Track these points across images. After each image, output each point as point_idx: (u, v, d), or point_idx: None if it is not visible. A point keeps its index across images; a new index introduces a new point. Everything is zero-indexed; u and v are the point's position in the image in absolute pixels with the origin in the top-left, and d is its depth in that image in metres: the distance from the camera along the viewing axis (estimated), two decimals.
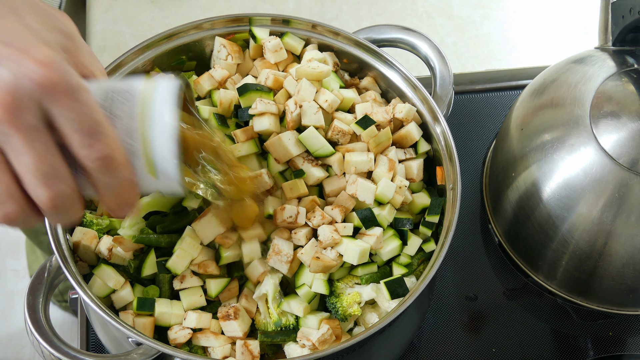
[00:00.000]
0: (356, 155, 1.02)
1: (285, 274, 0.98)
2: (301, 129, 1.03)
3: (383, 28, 1.16)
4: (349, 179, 1.02)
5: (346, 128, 1.03)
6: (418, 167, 1.07)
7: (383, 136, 1.04)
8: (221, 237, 0.97)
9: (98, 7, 1.47)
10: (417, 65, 1.25)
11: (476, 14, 1.49)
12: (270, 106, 1.02)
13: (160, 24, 1.45)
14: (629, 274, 1.07)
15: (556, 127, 1.07)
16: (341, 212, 0.99)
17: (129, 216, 1.01)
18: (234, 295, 1.00)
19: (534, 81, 1.18)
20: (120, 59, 1.08)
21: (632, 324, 1.21)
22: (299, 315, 0.99)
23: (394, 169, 1.03)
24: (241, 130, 1.03)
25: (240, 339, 0.97)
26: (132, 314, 0.97)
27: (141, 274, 0.99)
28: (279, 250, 0.97)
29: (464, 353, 1.18)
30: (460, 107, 1.36)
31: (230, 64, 1.13)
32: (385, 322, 0.91)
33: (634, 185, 1.00)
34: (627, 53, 1.10)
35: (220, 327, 0.98)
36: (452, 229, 0.97)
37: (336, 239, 0.97)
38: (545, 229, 1.09)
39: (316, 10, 1.48)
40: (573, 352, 1.18)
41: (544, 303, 1.21)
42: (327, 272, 0.98)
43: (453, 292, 1.22)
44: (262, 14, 1.12)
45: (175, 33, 1.11)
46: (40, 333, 0.92)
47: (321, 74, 1.07)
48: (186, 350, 0.96)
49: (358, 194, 1.00)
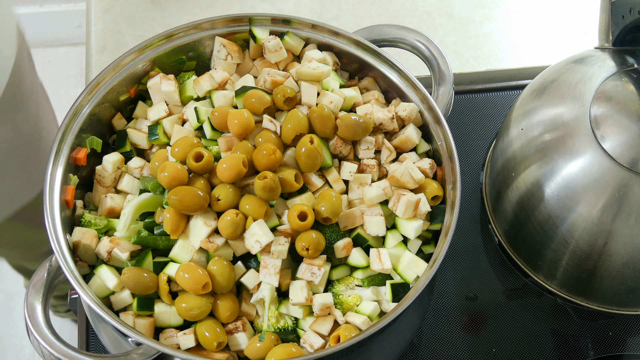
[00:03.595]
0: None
1: (276, 285, 0.98)
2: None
3: (383, 28, 1.16)
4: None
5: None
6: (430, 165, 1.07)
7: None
8: (205, 242, 0.97)
9: (98, 7, 1.47)
10: (417, 65, 1.26)
11: (476, 14, 1.49)
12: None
13: (160, 24, 1.45)
14: (629, 274, 1.07)
15: (556, 127, 1.07)
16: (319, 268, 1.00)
17: (122, 217, 1.01)
18: (236, 314, 1.00)
19: (534, 81, 1.18)
20: (120, 59, 1.08)
21: (632, 324, 1.21)
22: (298, 317, 0.99)
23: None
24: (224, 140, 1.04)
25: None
26: (132, 314, 0.97)
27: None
28: (265, 264, 0.97)
29: (464, 353, 1.18)
30: (460, 107, 1.36)
31: (230, 64, 1.13)
32: (385, 322, 0.91)
33: (634, 185, 1.00)
34: (627, 53, 1.09)
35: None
36: (452, 230, 0.97)
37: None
38: (545, 229, 1.09)
39: (316, 10, 1.48)
40: (573, 352, 1.18)
41: (544, 303, 1.21)
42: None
43: (453, 292, 1.22)
44: (262, 14, 1.12)
45: (175, 33, 1.11)
46: (40, 333, 0.92)
47: (321, 75, 1.07)
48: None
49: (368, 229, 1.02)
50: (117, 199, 1.05)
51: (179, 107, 1.12)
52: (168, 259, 0.99)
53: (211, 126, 1.05)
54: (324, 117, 1.03)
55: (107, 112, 1.11)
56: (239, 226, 0.97)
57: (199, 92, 1.10)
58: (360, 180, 1.04)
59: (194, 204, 0.96)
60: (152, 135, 1.09)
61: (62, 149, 1.03)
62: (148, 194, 1.02)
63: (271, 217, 1.00)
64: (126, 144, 1.11)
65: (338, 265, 1.03)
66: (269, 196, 0.98)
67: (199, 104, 1.09)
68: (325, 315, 0.98)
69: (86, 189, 1.10)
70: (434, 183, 1.04)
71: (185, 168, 0.99)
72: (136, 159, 1.09)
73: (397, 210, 1.01)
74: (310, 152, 1.00)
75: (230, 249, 0.99)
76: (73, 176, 1.04)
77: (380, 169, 1.07)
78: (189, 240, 0.99)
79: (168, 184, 0.98)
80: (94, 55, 1.43)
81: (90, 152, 1.07)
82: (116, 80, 1.09)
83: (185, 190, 0.96)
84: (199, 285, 0.94)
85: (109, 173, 1.07)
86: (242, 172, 0.98)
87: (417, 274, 0.99)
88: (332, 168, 1.04)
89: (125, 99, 1.12)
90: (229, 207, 0.98)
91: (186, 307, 0.95)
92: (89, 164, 1.08)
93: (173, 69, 1.14)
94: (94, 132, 1.08)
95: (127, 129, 1.12)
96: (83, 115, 1.05)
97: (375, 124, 1.07)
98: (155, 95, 1.12)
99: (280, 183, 0.99)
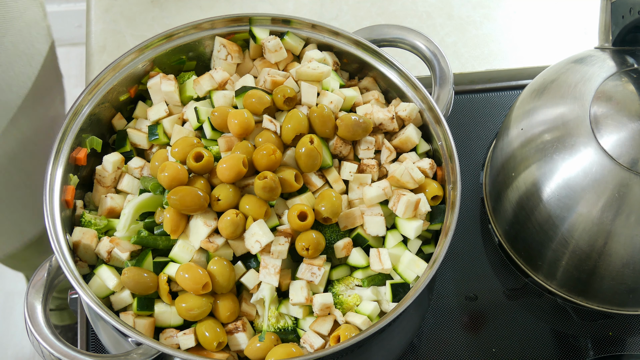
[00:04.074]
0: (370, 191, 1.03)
1: (276, 285, 0.98)
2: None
3: (383, 28, 1.16)
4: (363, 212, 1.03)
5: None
6: (430, 165, 1.07)
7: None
8: (205, 242, 0.97)
9: (98, 7, 1.47)
10: (417, 65, 1.26)
11: (476, 14, 1.49)
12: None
13: (160, 24, 1.45)
14: (629, 274, 1.07)
15: (556, 127, 1.07)
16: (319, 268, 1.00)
17: (122, 217, 1.01)
18: (236, 314, 1.00)
19: (534, 81, 1.18)
20: (120, 59, 1.08)
21: (632, 324, 1.21)
22: (298, 317, 0.99)
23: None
24: (224, 140, 1.04)
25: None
26: (132, 314, 0.97)
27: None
28: (265, 264, 0.97)
29: (464, 353, 1.18)
30: (460, 107, 1.36)
31: (230, 64, 1.13)
32: (385, 322, 0.91)
33: (634, 185, 1.00)
34: (627, 53, 1.09)
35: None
36: (452, 230, 0.97)
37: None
38: (545, 229, 1.09)
39: (316, 10, 1.48)
40: (573, 352, 1.18)
41: (544, 303, 1.21)
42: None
43: (453, 292, 1.22)
44: (262, 14, 1.12)
45: (175, 33, 1.11)
46: (40, 333, 0.92)
47: (321, 75, 1.07)
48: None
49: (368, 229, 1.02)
50: (117, 199, 1.05)
51: (179, 107, 1.12)
52: (168, 259, 0.99)
53: (211, 126, 1.05)
54: (324, 117, 1.03)
55: (107, 112, 1.11)
56: (239, 226, 0.97)
57: (199, 92, 1.10)
58: (360, 180, 1.04)
59: (194, 204, 0.96)
60: (152, 135, 1.09)
61: (62, 148, 1.03)
62: (148, 194, 1.02)
63: (271, 217, 1.00)
64: (126, 144, 1.11)
65: (338, 265, 1.03)
66: (269, 196, 0.98)
67: (199, 104, 1.09)
68: (325, 315, 0.98)
69: (86, 189, 1.10)
70: (434, 183, 1.04)
71: (185, 168, 0.99)
72: (136, 159, 1.09)
73: (397, 210, 1.01)
74: (310, 152, 1.00)
75: (230, 249, 0.99)
76: (73, 176, 1.04)
77: (380, 169, 1.07)
78: (189, 240, 0.98)
79: (168, 184, 0.98)
80: (94, 55, 1.43)
81: (90, 152, 1.07)
82: (116, 80, 1.09)
83: (185, 190, 0.96)
84: (199, 285, 0.94)
85: (109, 173, 1.07)
86: (242, 172, 0.98)
87: (417, 274, 0.99)
88: (332, 168, 1.04)
89: (125, 99, 1.12)
90: (229, 207, 0.98)
91: (186, 307, 0.95)
92: (89, 164, 1.08)
93: (173, 69, 1.14)
94: (94, 132, 1.08)
95: (127, 129, 1.12)
96: (83, 115, 1.05)
97: (375, 124, 1.07)
98: (155, 95, 1.12)
99: (280, 183, 0.99)
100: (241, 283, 0.99)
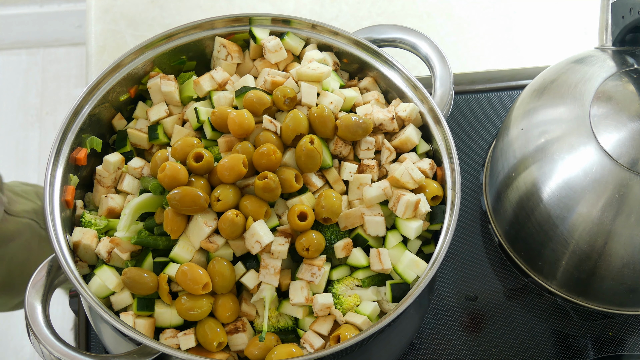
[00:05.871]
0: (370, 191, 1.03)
1: (276, 285, 0.98)
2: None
3: (383, 28, 1.16)
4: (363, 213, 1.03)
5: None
6: (430, 165, 1.07)
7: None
8: (205, 242, 0.97)
9: (98, 7, 1.47)
10: (417, 65, 1.26)
11: (476, 14, 1.49)
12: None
13: (160, 24, 1.45)
14: (629, 274, 1.07)
15: (556, 127, 1.07)
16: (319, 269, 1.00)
17: (122, 217, 1.01)
18: (236, 315, 1.00)
19: (534, 81, 1.18)
20: (120, 59, 1.08)
21: (632, 324, 1.21)
22: (298, 317, 0.99)
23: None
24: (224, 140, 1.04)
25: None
26: (132, 314, 0.97)
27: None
28: (265, 264, 0.97)
29: (464, 353, 1.18)
30: (460, 107, 1.36)
31: (230, 64, 1.13)
32: (385, 322, 0.91)
33: (634, 185, 1.00)
34: (627, 53, 1.09)
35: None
36: (452, 230, 0.97)
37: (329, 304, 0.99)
38: (545, 229, 1.09)
39: (316, 10, 1.48)
40: (573, 352, 1.18)
41: (544, 303, 1.21)
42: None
43: (453, 292, 1.22)
44: (262, 14, 1.12)
45: (175, 33, 1.11)
46: (40, 333, 0.92)
47: (321, 75, 1.07)
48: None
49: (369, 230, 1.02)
50: (117, 199, 1.06)
51: (179, 107, 1.12)
52: (168, 259, 0.99)
53: (211, 126, 1.05)
54: (324, 117, 1.03)
55: (107, 112, 1.11)
56: (239, 226, 0.97)
57: (199, 92, 1.10)
58: (360, 181, 1.04)
59: (194, 204, 0.96)
60: (152, 136, 1.09)
61: (62, 149, 1.03)
62: (148, 194, 1.02)
63: (271, 217, 1.00)
64: (126, 144, 1.11)
65: (338, 265, 1.03)
66: (269, 196, 0.98)
67: (199, 104, 1.09)
68: (325, 315, 0.98)
69: (86, 189, 1.10)
70: (434, 183, 1.04)
71: (185, 168, 0.99)
72: (136, 159, 1.09)
73: (397, 211, 1.01)
74: (310, 153, 1.00)
75: (231, 249, 0.99)
76: (73, 176, 1.04)
77: (380, 169, 1.07)
78: (189, 240, 0.99)
79: (168, 184, 0.98)
80: (94, 55, 1.43)
81: (91, 152, 1.07)
82: (116, 81, 1.09)
83: (185, 191, 0.96)
84: (199, 286, 0.95)
85: (109, 173, 1.07)
86: (242, 172, 0.98)
87: (417, 274, 0.99)
88: (332, 168, 1.05)
89: (125, 99, 1.12)
90: (229, 207, 0.98)
91: (186, 307, 0.95)
92: (89, 164, 1.08)
93: (173, 69, 1.14)
94: (94, 132, 1.09)
95: (128, 129, 1.12)
96: (83, 115, 1.06)
97: (375, 125, 1.07)
98: (156, 96, 1.12)
99: (281, 183, 0.99)
100: (241, 283, 0.99)
